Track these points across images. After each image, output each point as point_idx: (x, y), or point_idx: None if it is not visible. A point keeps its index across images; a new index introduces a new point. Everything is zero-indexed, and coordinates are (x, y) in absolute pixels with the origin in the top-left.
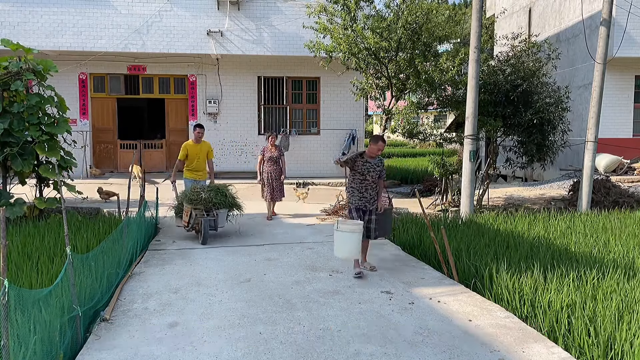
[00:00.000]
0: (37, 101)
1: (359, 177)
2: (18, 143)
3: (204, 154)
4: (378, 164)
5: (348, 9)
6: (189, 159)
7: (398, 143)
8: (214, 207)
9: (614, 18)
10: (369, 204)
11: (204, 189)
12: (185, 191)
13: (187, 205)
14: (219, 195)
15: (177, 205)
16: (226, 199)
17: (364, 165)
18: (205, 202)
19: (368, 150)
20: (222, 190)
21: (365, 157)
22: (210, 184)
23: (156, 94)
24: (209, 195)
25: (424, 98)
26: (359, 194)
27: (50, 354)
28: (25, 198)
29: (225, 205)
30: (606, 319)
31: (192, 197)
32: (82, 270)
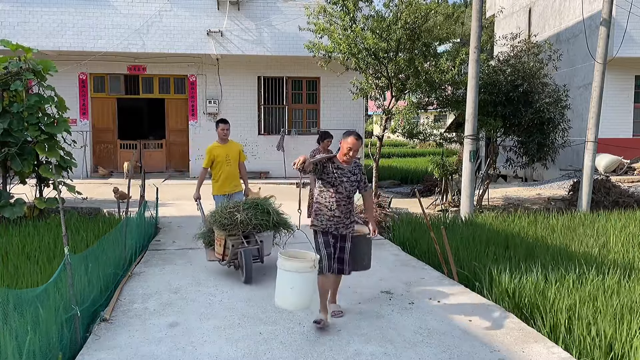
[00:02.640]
0: (36, 101)
1: (328, 190)
2: (17, 143)
3: (235, 158)
4: (354, 171)
5: (347, 10)
6: (215, 166)
7: (398, 143)
8: (255, 230)
9: (614, 18)
10: (342, 227)
11: (239, 206)
12: (216, 211)
13: (219, 233)
14: (260, 214)
15: (205, 231)
16: (270, 217)
17: (335, 173)
18: (243, 226)
19: (339, 154)
20: (263, 205)
21: (336, 162)
22: (246, 197)
23: (156, 94)
24: (247, 215)
25: (423, 98)
26: (328, 211)
27: (48, 354)
28: (25, 198)
29: (269, 226)
30: (607, 319)
31: (225, 220)
32: (79, 270)
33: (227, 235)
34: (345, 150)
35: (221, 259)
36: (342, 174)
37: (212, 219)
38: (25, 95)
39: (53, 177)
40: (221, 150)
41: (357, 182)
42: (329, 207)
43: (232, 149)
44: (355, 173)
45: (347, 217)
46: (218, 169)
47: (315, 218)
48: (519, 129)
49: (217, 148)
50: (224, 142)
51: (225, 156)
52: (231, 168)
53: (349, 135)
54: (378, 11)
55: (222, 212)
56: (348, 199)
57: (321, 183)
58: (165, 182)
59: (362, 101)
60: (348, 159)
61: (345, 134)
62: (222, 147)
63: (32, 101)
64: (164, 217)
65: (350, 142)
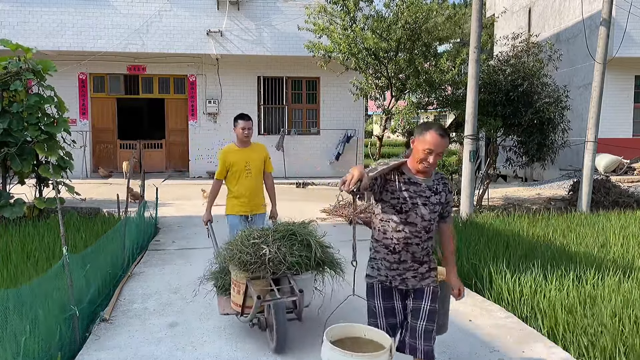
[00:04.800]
0: (36, 101)
1: (391, 218)
2: (17, 143)
3: (258, 167)
4: (436, 188)
5: (347, 10)
6: (231, 177)
7: (398, 143)
8: (291, 271)
9: (614, 18)
10: (415, 277)
11: (267, 235)
12: (233, 242)
13: (237, 274)
14: (298, 247)
15: (217, 270)
16: (311, 252)
17: (404, 191)
18: (273, 265)
19: (411, 160)
20: (301, 234)
21: (406, 174)
22: (272, 219)
23: (156, 94)
24: (279, 248)
25: (423, 98)
26: (390, 254)
27: (47, 354)
28: (25, 198)
29: (310, 265)
30: (606, 319)
31: (247, 257)
32: (78, 269)
33: (249, 278)
34: (423, 153)
35: (240, 312)
36: (417, 192)
37: (228, 254)
38: (25, 95)
39: (52, 177)
40: (240, 155)
41: (441, 205)
42: (392, 247)
43: (255, 155)
44: (438, 191)
45: (421, 263)
46: (235, 181)
47: (371, 264)
48: (519, 129)
49: (234, 153)
50: (244, 145)
51: (245, 164)
52: (253, 181)
53: (428, 129)
54: (378, 11)
55: (242, 244)
56: (425, 232)
57: (380, 207)
58: (165, 182)
59: (362, 101)
60: (427, 167)
61: (422, 127)
62: (242, 152)
63: (31, 101)
64: (163, 217)
65: (432, 141)
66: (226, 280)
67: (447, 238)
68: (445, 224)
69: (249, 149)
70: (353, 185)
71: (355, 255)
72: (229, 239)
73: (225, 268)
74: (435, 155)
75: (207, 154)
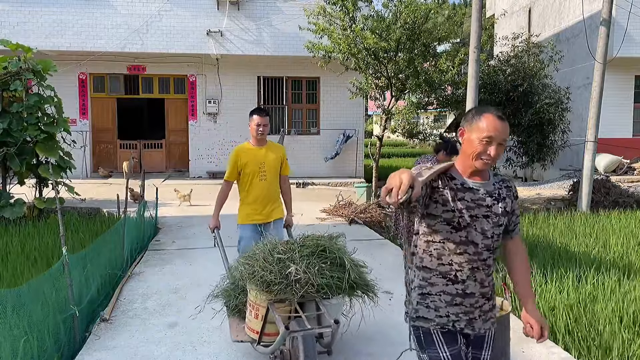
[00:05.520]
0: (36, 101)
1: (447, 237)
2: (16, 143)
3: (274, 168)
4: (499, 194)
5: (346, 10)
6: (244, 179)
7: (398, 143)
8: (320, 294)
9: (614, 18)
10: (480, 317)
11: (294, 250)
12: (251, 256)
13: (256, 296)
14: (330, 266)
15: (228, 287)
16: (344, 272)
17: (459, 200)
18: (300, 287)
19: (463, 159)
20: (333, 251)
21: (458, 178)
22: (287, 227)
23: (156, 94)
24: (308, 267)
25: (423, 98)
26: (450, 285)
27: (46, 354)
28: (25, 198)
29: (341, 288)
30: (606, 319)
31: (270, 275)
32: (77, 269)
33: (271, 301)
34: (480, 145)
35: (257, 340)
36: (475, 201)
37: (247, 270)
38: (25, 95)
39: (52, 177)
40: (254, 155)
41: (507, 215)
42: (453, 275)
43: (272, 156)
44: (501, 198)
45: (485, 294)
46: (248, 184)
47: (424, 302)
48: (519, 129)
49: (247, 152)
50: (259, 144)
51: (260, 165)
52: (268, 184)
53: (482, 113)
54: (378, 11)
55: (264, 260)
56: (489, 253)
57: (426, 224)
58: (165, 182)
59: (362, 101)
60: (487, 162)
61: (473, 113)
62: (256, 152)
63: (31, 101)
64: (163, 217)
65: (490, 126)
66: (240, 301)
67: (519, 258)
68: (512, 240)
69: (266, 148)
70: (403, 194)
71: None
72: (240, 251)
73: (239, 285)
74: (497, 145)
75: (207, 154)
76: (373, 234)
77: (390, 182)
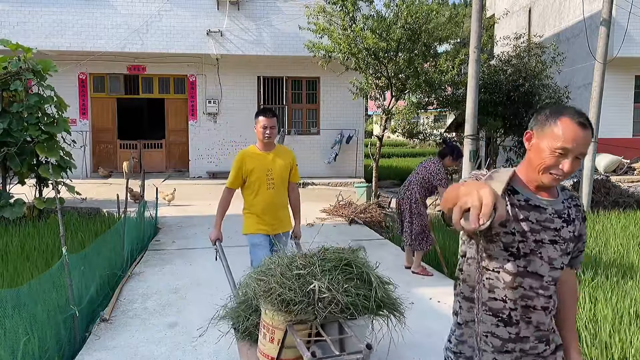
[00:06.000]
0: (36, 101)
1: (504, 264)
2: (17, 143)
3: (283, 176)
4: (567, 214)
5: (346, 10)
6: (250, 187)
7: (398, 143)
8: (344, 314)
9: (614, 18)
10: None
11: (314, 264)
12: (264, 271)
13: (273, 317)
14: (356, 283)
15: (238, 305)
16: (371, 289)
17: (526, 221)
18: (322, 306)
19: (528, 168)
20: (358, 265)
21: (522, 193)
22: (295, 239)
23: (156, 94)
24: (331, 283)
25: (423, 98)
26: (501, 326)
27: (46, 354)
28: (25, 198)
29: (369, 307)
30: (606, 319)
31: (290, 293)
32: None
33: (289, 322)
34: (551, 156)
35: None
36: (542, 222)
37: (262, 286)
38: (25, 95)
39: (52, 177)
40: (261, 161)
41: (574, 241)
42: (506, 315)
43: (280, 162)
44: (571, 219)
45: (547, 341)
46: (254, 191)
47: (464, 342)
48: (519, 129)
49: (253, 157)
50: (266, 149)
51: (267, 172)
52: (276, 193)
53: (559, 116)
54: (378, 11)
55: (282, 275)
56: (554, 284)
57: (483, 248)
58: (165, 182)
59: (362, 101)
60: (555, 179)
61: (548, 114)
62: (264, 157)
63: (31, 101)
64: (163, 217)
65: (568, 134)
66: (252, 321)
67: (569, 291)
68: (572, 269)
69: (273, 153)
70: (486, 217)
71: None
72: (252, 261)
73: (250, 303)
74: (573, 159)
75: (207, 154)
76: (373, 234)
77: (463, 199)
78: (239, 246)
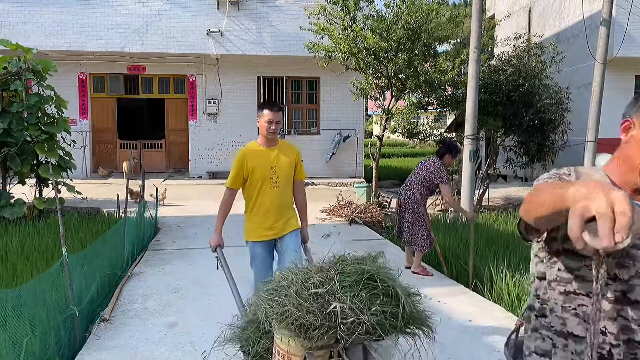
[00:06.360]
0: (36, 101)
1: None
2: (17, 143)
3: (287, 174)
4: None
5: (347, 10)
6: (251, 186)
7: (398, 143)
8: (369, 335)
9: (614, 18)
10: None
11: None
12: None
13: (290, 342)
14: (382, 300)
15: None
16: (398, 305)
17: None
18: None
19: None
20: (383, 279)
21: None
22: (304, 244)
23: (156, 94)
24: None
25: (423, 98)
26: None
27: (47, 354)
28: (25, 198)
29: (395, 326)
30: None
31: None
32: (77, 269)
33: (309, 349)
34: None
35: None
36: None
37: (275, 309)
38: (25, 95)
39: (52, 177)
40: (264, 158)
41: None
42: (604, 352)
43: (284, 158)
44: None
45: None
46: (256, 192)
47: None
48: (519, 129)
49: (255, 154)
50: (269, 145)
51: (271, 169)
52: (280, 192)
53: None
54: (378, 11)
55: (297, 295)
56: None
57: (564, 266)
58: (165, 182)
59: (362, 101)
60: None
61: None
62: (266, 154)
63: (31, 101)
64: (163, 217)
65: None
66: (263, 346)
67: None
68: None
69: (277, 149)
70: (626, 233)
71: None
72: (254, 273)
73: (259, 324)
74: None
75: (207, 154)
76: (373, 234)
77: (583, 204)
78: (237, 246)
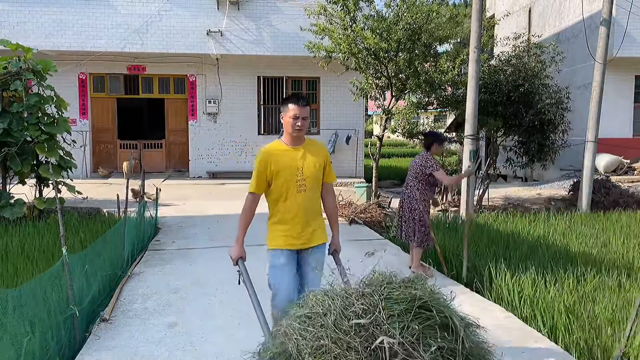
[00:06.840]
0: (36, 101)
1: None
2: (17, 143)
3: (316, 176)
4: None
5: (347, 10)
6: (276, 190)
7: (398, 143)
8: None
9: (614, 18)
10: None
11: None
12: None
13: None
14: (435, 332)
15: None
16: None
17: None
18: None
19: None
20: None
21: None
22: (335, 254)
23: (156, 94)
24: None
25: (423, 98)
26: None
27: (47, 354)
28: (25, 198)
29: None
30: (606, 319)
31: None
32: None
33: None
34: None
35: None
36: None
37: (306, 342)
38: (25, 95)
39: (52, 177)
40: (290, 159)
41: None
42: None
43: (312, 158)
44: None
45: None
46: (281, 197)
47: None
48: (519, 129)
49: (280, 155)
50: (295, 144)
51: (297, 170)
52: (308, 196)
53: None
54: (379, 11)
55: (336, 326)
56: None
57: None
58: (165, 182)
59: (362, 101)
60: None
61: None
62: (292, 154)
63: (32, 101)
64: (163, 217)
65: None
66: None
67: None
68: None
69: (303, 148)
70: None
71: None
72: (273, 286)
73: (289, 358)
74: None
75: (207, 154)
76: (373, 234)
77: None
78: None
